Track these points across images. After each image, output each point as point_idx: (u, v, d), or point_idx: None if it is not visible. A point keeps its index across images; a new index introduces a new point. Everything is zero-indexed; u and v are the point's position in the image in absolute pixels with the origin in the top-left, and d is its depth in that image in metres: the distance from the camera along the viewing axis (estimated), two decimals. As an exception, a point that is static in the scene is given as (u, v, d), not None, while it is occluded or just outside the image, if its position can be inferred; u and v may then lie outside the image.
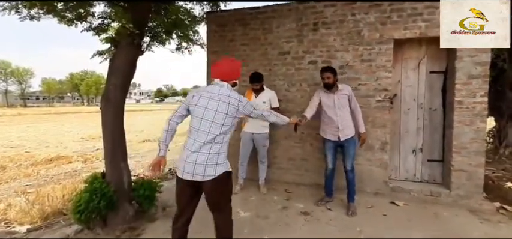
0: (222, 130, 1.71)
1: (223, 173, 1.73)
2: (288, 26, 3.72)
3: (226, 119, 1.72)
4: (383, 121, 3.37)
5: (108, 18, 3.74)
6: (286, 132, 3.81)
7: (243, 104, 1.79)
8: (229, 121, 1.74)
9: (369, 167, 3.44)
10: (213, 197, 1.79)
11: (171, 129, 1.83)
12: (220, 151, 1.72)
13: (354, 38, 3.45)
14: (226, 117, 1.72)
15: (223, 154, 1.75)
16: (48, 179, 4.98)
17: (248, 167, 3.70)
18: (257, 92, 3.48)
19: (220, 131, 1.70)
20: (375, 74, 3.38)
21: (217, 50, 4.06)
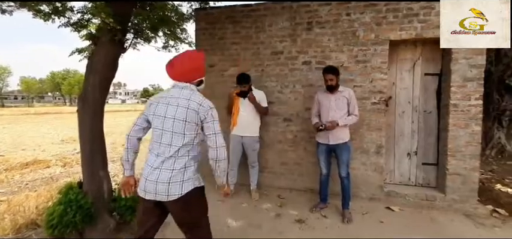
0: (184, 141, 1.45)
1: (192, 190, 1.47)
2: (281, 24, 3.57)
3: (186, 127, 1.45)
4: (378, 123, 3.28)
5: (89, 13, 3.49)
6: (280, 135, 3.66)
7: (205, 109, 1.47)
8: (192, 129, 1.46)
9: (364, 172, 3.34)
10: (181, 219, 1.53)
11: (131, 146, 1.58)
12: (186, 165, 1.46)
13: (349, 38, 3.35)
14: (186, 124, 1.44)
15: (191, 168, 1.48)
16: (23, 186, 4.60)
17: (239, 172, 3.52)
18: (245, 94, 3.30)
19: (182, 142, 1.44)
20: (370, 75, 3.29)
21: (206, 49, 3.85)
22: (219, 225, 2.75)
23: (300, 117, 3.55)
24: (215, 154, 1.48)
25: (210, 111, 1.49)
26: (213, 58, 3.84)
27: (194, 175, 1.51)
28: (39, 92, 67.75)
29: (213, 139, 1.48)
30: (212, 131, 1.48)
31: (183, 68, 1.52)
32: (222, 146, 1.50)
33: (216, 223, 2.79)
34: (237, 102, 3.34)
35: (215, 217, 2.91)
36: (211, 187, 3.71)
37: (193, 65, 1.54)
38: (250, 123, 3.34)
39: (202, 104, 1.48)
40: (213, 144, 1.48)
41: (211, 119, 1.49)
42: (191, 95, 1.50)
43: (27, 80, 62.73)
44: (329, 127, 2.76)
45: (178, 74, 1.53)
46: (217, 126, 1.50)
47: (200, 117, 1.47)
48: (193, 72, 1.55)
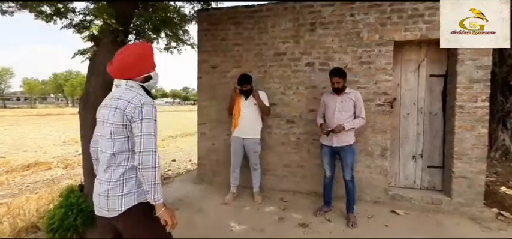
0: (115, 148, 1.26)
1: (134, 207, 1.27)
2: (284, 25, 3.53)
3: (112, 129, 1.26)
4: (383, 126, 3.23)
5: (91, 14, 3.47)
6: (283, 137, 3.62)
7: (133, 106, 1.24)
8: (120, 132, 1.26)
9: (368, 175, 3.29)
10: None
11: (95, 157, 1.44)
12: (124, 177, 1.27)
13: (353, 39, 3.31)
14: (112, 127, 1.26)
15: (131, 180, 1.28)
16: (23, 188, 4.58)
17: (241, 174, 3.48)
18: (247, 95, 3.27)
19: (112, 149, 1.26)
20: (374, 77, 3.24)
21: (208, 50, 3.83)
22: (222, 229, 2.71)
23: (303, 119, 3.51)
24: (138, 160, 1.22)
25: (139, 108, 1.25)
26: (216, 59, 3.81)
27: (137, 189, 1.30)
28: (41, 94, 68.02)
29: (138, 142, 1.23)
30: (139, 131, 1.23)
31: (122, 63, 1.32)
32: (148, 151, 1.22)
33: (219, 227, 2.76)
34: (239, 104, 3.30)
35: (218, 221, 2.88)
36: (214, 188, 3.71)
37: (133, 59, 1.34)
38: (252, 124, 3.30)
39: (132, 100, 1.26)
40: (137, 147, 1.23)
41: (140, 118, 1.24)
42: (123, 93, 1.30)
43: (30, 82, 63.01)
44: (336, 131, 2.72)
45: (117, 71, 1.34)
46: (147, 126, 1.24)
47: (127, 116, 1.24)
48: (134, 68, 1.35)
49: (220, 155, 3.80)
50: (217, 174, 3.87)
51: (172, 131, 12.63)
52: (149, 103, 1.29)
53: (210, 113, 3.83)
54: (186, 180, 4.24)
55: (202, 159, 3.98)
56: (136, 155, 1.22)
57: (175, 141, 9.97)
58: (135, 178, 1.29)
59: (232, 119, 3.39)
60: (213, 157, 3.89)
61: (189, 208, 3.17)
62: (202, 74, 3.88)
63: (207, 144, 3.92)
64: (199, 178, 4.01)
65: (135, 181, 1.29)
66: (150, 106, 1.28)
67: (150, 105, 1.28)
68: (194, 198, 3.46)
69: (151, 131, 1.25)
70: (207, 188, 3.79)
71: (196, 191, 3.71)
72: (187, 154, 7.26)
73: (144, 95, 1.31)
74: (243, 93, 3.26)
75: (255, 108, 3.29)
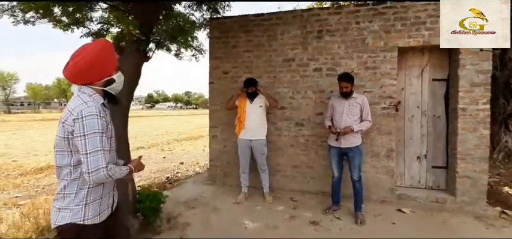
0: (57, 161, 1.20)
1: (66, 225, 1.19)
2: (293, 33, 3.71)
3: (56, 141, 1.19)
4: (388, 128, 3.38)
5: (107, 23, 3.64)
6: (292, 140, 3.77)
7: (72, 117, 1.13)
8: (61, 144, 1.18)
9: (375, 175, 3.43)
10: None
11: None
12: (66, 191, 1.20)
13: (359, 46, 3.48)
14: (58, 141, 1.19)
15: (70, 197, 1.19)
16: (39, 189, 4.75)
17: (251, 175, 3.63)
18: (252, 97, 3.43)
19: (58, 162, 1.20)
20: (379, 81, 3.40)
21: (220, 56, 4.01)
22: (237, 226, 2.86)
23: (312, 122, 3.67)
24: (90, 180, 1.15)
25: (80, 121, 1.13)
26: (227, 65, 3.98)
27: (73, 207, 1.19)
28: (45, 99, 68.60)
29: (85, 161, 1.13)
30: (84, 150, 1.12)
31: (77, 67, 1.18)
32: (97, 170, 1.14)
33: (234, 224, 2.91)
34: (244, 106, 3.45)
35: (232, 218, 3.03)
36: (226, 188, 3.86)
37: (89, 62, 1.18)
38: (258, 126, 3.45)
39: (73, 111, 1.14)
40: (85, 167, 1.13)
41: (82, 133, 1.12)
42: (71, 101, 1.19)
43: (34, 87, 63.63)
44: (344, 133, 2.86)
45: (72, 75, 1.20)
46: (93, 142, 1.13)
47: (67, 129, 1.15)
48: (92, 71, 1.21)
49: (231, 157, 3.96)
50: (229, 175, 4.02)
51: (177, 135, 12.80)
52: (92, 113, 1.15)
53: (222, 116, 4.00)
54: (198, 181, 4.39)
55: (213, 161, 4.14)
56: (86, 176, 1.14)
57: (181, 144, 10.13)
58: (73, 195, 1.20)
59: (237, 121, 3.54)
60: (224, 159, 4.05)
61: (204, 207, 3.32)
62: (214, 79, 4.05)
63: (219, 146, 4.08)
64: (211, 179, 4.16)
65: (74, 199, 1.20)
66: (94, 117, 1.15)
67: (93, 115, 1.15)
68: (208, 198, 3.61)
69: (98, 147, 1.14)
70: (219, 188, 3.94)
71: (209, 191, 3.86)
72: (193, 157, 7.41)
73: (88, 103, 1.17)
74: (248, 95, 3.41)
75: (260, 111, 3.45)
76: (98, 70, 1.23)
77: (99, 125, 1.16)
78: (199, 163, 6.61)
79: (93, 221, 1.24)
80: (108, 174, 1.16)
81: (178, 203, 3.37)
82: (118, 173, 1.25)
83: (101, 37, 3.70)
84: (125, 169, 1.32)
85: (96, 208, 1.27)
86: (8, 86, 53.58)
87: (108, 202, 1.36)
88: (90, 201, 1.24)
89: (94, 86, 1.24)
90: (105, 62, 1.24)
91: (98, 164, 1.13)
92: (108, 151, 1.21)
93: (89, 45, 1.25)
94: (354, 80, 2.96)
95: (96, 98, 1.23)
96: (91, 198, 1.24)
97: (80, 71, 1.19)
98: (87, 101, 1.18)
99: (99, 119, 1.17)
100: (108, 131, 1.25)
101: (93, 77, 1.23)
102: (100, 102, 1.24)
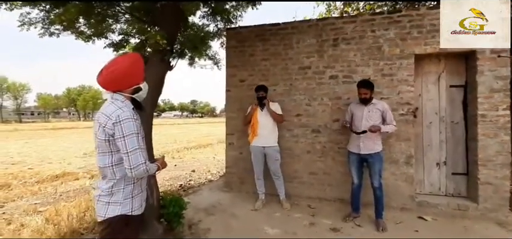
0: (100, 162, 1.35)
1: (116, 217, 1.34)
2: (308, 41, 3.78)
3: (98, 143, 1.34)
4: (407, 134, 3.37)
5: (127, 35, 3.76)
6: (308, 146, 3.79)
7: (112, 121, 1.28)
8: (103, 146, 1.33)
9: (394, 182, 3.41)
10: None
11: None
12: (114, 189, 1.35)
13: (375, 53, 3.52)
14: (97, 141, 1.34)
15: (119, 192, 1.35)
16: (57, 196, 4.83)
17: (267, 182, 3.64)
18: (262, 106, 3.48)
19: (99, 163, 1.35)
20: (396, 88, 3.42)
21: (237, 65, 4.09)
22: (258, 232, 2.87)
23: (328, 129, 3.69)
24: (131, 175, 1.31)
25: (118, 125, 1.27)
26: (244, 74, 4.06)
27: (123, 200, 1.36)
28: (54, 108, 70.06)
29: (126, 159, 1.29)
30: (125, 149, 1.28)
31: (112, 75, 1.33)
32: (138, 166, 1.30)
33: (255, 231, 2.92)
34: (256, 114, 3.51)
35: (252, 225, 3.05)
36: (243, 195, 3.87)
37: (123, 71, 1.34)
38: (270, 133, 3.49)
39: (111, 115, 1.28)
40: (127, 164, 1.29)
41: (122, 134, 1.28)
42: (106, 107, 1.33)
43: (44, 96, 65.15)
44: (373, 131, 2.85)
45: (106, 83, 1.35)
46: (131, 142, 1.29)
47: (107, 132, 1.29)
48: (124, 80, 1.36)
49: (247, 163, 3.98)
50: (245, 182, 4.04)
51: (186, 143, 12.89)
52: (128, 117, 1.29)
53: (238, 124, 4.05)
54: (214, 188, 4.42)
55: (230, 167, 4.17)
56: (128, 171, 1.29)
57: (191, 152, 10.19)
58: (122, 190, 1.36)
59: (250, 129, 3.57)
60: (241, 166, 4.08)
61: (222, 213, 3.34)
62: (230, 87, 4.13)
63: (235, 153, 4.12)
64: (228, 186, 4.19)
65: (122, 193, 1.36)
66: (130, 120, 1.30)
67: (129, 119, 1.30)
68: (226, 205, 3.63)
69: (136, 146, 1.29)
70: (236, 195, 3.96)
71: (226, 198, 3.88)
72: (204, 165, 7.44)
73: (123, 108, 1.31)
74: (259, 102, 3.46)
75: (271, 119, 3.49)
76: (129, 79, 1.39)
77: (134, 127, 1.32)
78: (211, 170, 6.64)
79: (138, 212, 1.43)
80: (146, 169, 1.33)
81: (198, 210, 3.40)
82: (152, 169, 1.42)
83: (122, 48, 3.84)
84: (154, 165, 1.47)
85: (139, 200, 1.45)
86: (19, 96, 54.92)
87: (145, 196, 1.55)
88: (135, 194, 1.42)
89: (124, 93, 1.39)
90: (135, 72, 1.40)
91: (138, 161, 1.30)
92: (145, 149, 1.37)
93: (122, 57, 1.45)
94: (373, 87, 2.98)
95: (127, 104, 1.38)
96: (136, 192, 1.42)
97: (114, 79, 1.34)
98: (122, 107, 1.32)
99: (134, 121, 1.33)
100: (141, 131, 1.41)
101: (124, 85, 1.38)
102: (131, 107, 1.38)
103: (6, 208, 4.17)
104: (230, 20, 4.17)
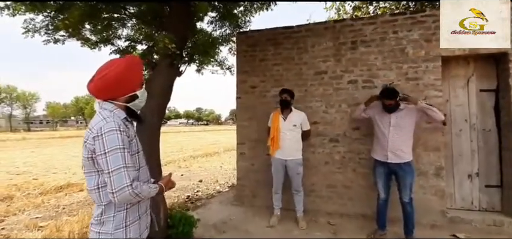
0: (87, 184, 1.14)
1: None
2: (324, 45, 3.55)
3: (85, 164, 1.13)
4: (436, 143, 3.09)
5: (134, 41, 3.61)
6: (326, 157, 3.52)
7: (93, 135, 1.07)
8: (87, 165, 1.12)
9: (422, 196, 3.11)
10: None
11: None
12: (104, 216, 1.14)
13: (397, 56, 3.27)
14: (84, 161, 1.13)
15: (109, 221, 1.14)
16: (60, 210, 4.63)
17: (284, 196, 3.37)
18: (285, 114, 3.21)
19: (89, 184, 1.14)
20: (423, 93, 3.15)
21: (247, 70, 3.88)
22: (275, 254, 2.60)
23: (348, 138, 3.42)
24: (115, 201, 1.08)
25: (100, 138, 1.06)
26: (255, 79, 3.84)
27: (115, 231, 1.14)
28: (63, 117, 71.04)
29: (108, 181, 1.06)
30: (107, 168, 1.05)
31: (102, 81, 1.13)
32: (122, 189, 1.05)
33: (273, 252, 2.64)
34: (278, 123, 3.22)
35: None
36: (255, 210, 3.61)
37: (114, 77, 1.13)
38: (293, 145, 3.18)
39: (93, 128, 1.08)
40: (109, 187, 1.06)
41: (103, 150, 1.06)
42: (93, 120, 1.14)
43: (53, 105, 66.19)
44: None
45: (96, 90, 1.15)
46: (114, 159, 1.05)
47: (89, 148, 1.08)
48: (117, 86, 1.16)
49: (260, 175, 3.73)
50: (257, 196, 3.78)
51: (192, 152, 12.70)
52: (112, 129, 1.07)
53: (250, 133, 3.81)
54: (224, 201, 4.16)
55: (241, 180, 3.91)
56: (111, 195, 1.06)
57: (197, 161, 9.98)
58: (112, 218, 1.14)
59: (270, 141, 3.28)
60: (253, 178, 3.82)
61: (235, 231, 3.08)
62: (241, 94, 3.91)
63: (246, 164, 3.87)
64: (239, 199, 3.93)
65: (112, 222, 1.14)
66: (114, 133, 1.07)
67: (113, 131, 1.07)
68: (238, 221, 3.37)
69: (120, 164, 1.06)
70: (248, 210, 3.69)
71: (238, 213, 3.61)
72: (212, 175, 7.21)
73: (108, 119, 1.10)
74: (282, 106, 3.19)
75: (295, 129, 3.20)
76: (123, 85, 1.18)
77: (119, 140, 1.08)
78: (219, 180, 6.40)
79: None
80: (134, 192, 1.08)
81: (208, 227, 3.15)
82: (146, 191, 1.15)
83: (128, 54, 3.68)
84: (154, 186, 1.22)
85: (137, 229, 1.21)
86: (29, 105, 55.87)
87: (147, 222, 1.32)
88: (129, 222, 1.18)
89: (116, 101, 1.19)
90: (131, 77, 1.20)
91: (122, 183, 1.05)
92: (133, 167, 1.12)
93: (116, 59, 1.23)
94: (398, 94, 2.70)
95: (117, 113, 1.16)
96: (130, 219, 1.18)
97: (106, 85, 1.14)
98: (106, 117, 1.11)
99: (119, 133, 1.09)
100: (132, 146, 1.17)
101: (117, 92, 1.18)
102: (121, 117, 1.17)
103: (7, 223, 3.98)
104: (239, 25, 4.00)
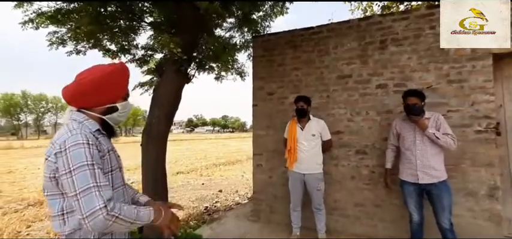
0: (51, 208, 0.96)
1: None
2: (348, 45, 3.20)
3: (47, 185, 0.96)
4: (488, 157, 2.57)
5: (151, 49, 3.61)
6: (352, 171, 3.13)
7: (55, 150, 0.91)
8: (48, 186, 0.95)
9: (471, 221, 2.59)
10: None
11: None
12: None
13: (436, 55, 2.82)
14: (45, 181, 0.96)
15: None
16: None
17: (304, 213, 3.03)
18: (303, 123, 2.89)
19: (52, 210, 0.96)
20: (469, 97, 2.67)
21: (264, 76, 3.64)
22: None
23: (377, 149, 3.01)
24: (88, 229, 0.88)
25: (63, 154, 0.90)
26: (272, 86, 3.59)
27: None
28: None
29: (77, 205, 0.87)
30: (73, 190, 0.88)
31: (76, 87, 1.00)
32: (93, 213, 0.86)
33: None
34: (295, 134, 2.91)
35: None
36: (273, 227, 3.31)
37: (90, 83, 1.00)
38: (312, 157, 2.85)
39: (55, 143, 0.93)
40: (79, 213, 0.87)
41: (67, 168, 0.89)
42: (58, 131, 0.99)
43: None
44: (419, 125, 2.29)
45: (69, 96, 1.01)
46: (82, 178, 0.88)
47: (50, 166, 0.92)
48: (92, 94, 1.01)
49: (278, 189, 3.44)
50: (275, 211, 3.48)
51: (215, 160, 12.71)
52: (77, 142, 0.91)
53: (267, 143, 3.55)
54: (240, 216, 3.91)
55: (258, 193, 3.64)
56: (82, 221, 0.87)
57: (219, 169, 9.91)
58: None
59: (287, 153, 2.97)
60: (270, 192, 3.54)
61: (249, 251, 2.81)
62: (257, 101, 3.67)
63: (264, 177, 3.59)
64: (255, 214, 3.65)
65: None
66: (80, 146, 0.90)
67: (79, 144, 0.90)
68: (253, 239, 3.10)
69: (89, 183, 0.88)
70: (265, 226, 3.40)
71: (254, 230, 3.34)
72: (232, 184, 7.06)
73: (75, 131, 0.94)
74: (298, 115, 2.90)
75: (314, 139, 2.87)
76: (102, 93, 1.03)
77: (86, 155, 0.91)
78: (239, 191, 6.20)
79: None
80: (109, 216, 0.87)
81: (220, 245, 2.92)
82: (131, 215, 0.93)
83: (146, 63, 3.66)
84: (144, 212, 0.98)
85: None
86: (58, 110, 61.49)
87: None
88: None
89: (90, 111, 1.04)
90: (112, 86, 1.05)
91: (93, 205, 0.86)
92: (108, 186, 0.93)
93: (101, 65, 1.08)
94: (425, 97, 2.33)
95: (87, 124, 1.01)
96: None
97: (81, 91, 1.00)
98: (72, 130, 0.95)
99: (88, 147, 0.92)
100: (105, 162, 1.00)
101: (93, 101, 1.03)
102: (93, 129, 1.01)
103: (32, 228, 4.12)
104: (257, 31, 3.83)
